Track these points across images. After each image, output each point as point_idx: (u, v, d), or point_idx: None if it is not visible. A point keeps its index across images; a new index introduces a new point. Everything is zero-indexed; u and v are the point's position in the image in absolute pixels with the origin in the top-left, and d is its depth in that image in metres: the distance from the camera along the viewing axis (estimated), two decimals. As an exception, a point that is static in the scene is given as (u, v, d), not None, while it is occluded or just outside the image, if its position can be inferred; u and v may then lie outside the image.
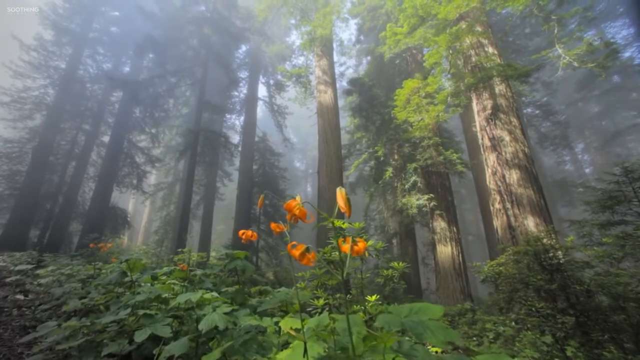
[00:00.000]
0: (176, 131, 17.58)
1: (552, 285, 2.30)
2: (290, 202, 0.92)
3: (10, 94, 13.34)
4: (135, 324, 1.41)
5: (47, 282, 2.79)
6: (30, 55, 13.53)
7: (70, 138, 13.78)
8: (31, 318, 2.46)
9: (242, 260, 1.41)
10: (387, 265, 3.12)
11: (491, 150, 6.59)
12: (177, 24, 13.68)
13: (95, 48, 14.86)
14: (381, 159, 10.27)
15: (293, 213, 0.91)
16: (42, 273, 3.09)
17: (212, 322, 1.20)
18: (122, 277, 1.78)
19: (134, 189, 14.03)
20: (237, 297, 1.38)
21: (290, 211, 0.90)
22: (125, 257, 1.74)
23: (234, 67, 15.66)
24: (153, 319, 1.40)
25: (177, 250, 7.79)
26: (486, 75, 6.45)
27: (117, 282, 1.74)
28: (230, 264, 1.36)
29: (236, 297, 1.38)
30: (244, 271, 1.35)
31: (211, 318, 1.22)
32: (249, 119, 15.63)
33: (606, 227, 3.11)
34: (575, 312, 2.14)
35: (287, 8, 12.00)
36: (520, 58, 13.92)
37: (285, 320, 1.08)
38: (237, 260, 1.37)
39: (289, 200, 0.95)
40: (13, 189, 12.37)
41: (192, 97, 16.32)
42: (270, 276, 7.22)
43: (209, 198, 15.08)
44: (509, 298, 2.59)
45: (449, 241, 8.02)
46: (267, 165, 14.60)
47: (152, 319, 1.40)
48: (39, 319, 2.34)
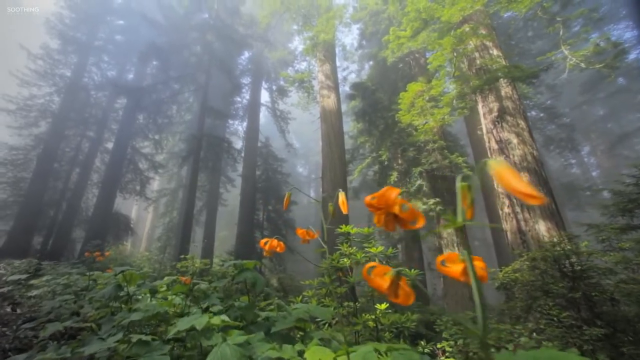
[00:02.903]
0: (179, 137, 17.63)
1: (576, 293, 2.17)
2: (301, 230, 0.79)
3: (16, 101, 13.48)
4: (127, 351, 1.19)
5: (40, 293, 2.65)
6: (37, 64, 13.73)
7: (74, 145, 13.85)
8: (13, 338, 2.17)
9: (252, 271, 1.26)
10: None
11: (498, 153, 6.47)
12: (181, 31, 13.82)
13: (100, 56, 15.05)
14: (385, 163, 10.16)
15: (306, 237, 0.78)
16: (36, 283, 2.95)
17: (223, 358, 1.01)
18: (118, 291, 1.61)
19: (137, 195, 14.02)
20: (248, 314, 1.23)
21: (303, 236, 0.78)
22: (120, 268, 1.60)
23: (236, 73, 15.75)
24: (149, 347, 1.20)
25: (180, 257, 7.69)
26: (492, 77, 6.37)
27: (112, 297, 1.59)
28: (239, 275, 1.23)
29: (246, 315, 1.24)
30: (254, 284, 1.21)
31: (221, 352, 1.03)
32: (251, 125, 15.64)
33: (625, 232, 2.97)
34: (602, 322, 2.00)
35: (290, 14, 12.08)
36: (523, 61, 13.83)
37: (312, 351, 0.92)
38: (246, 272, 1.24)
39: (292, 205, 0.84)
40: (17, 195, 12.40)
41: (195, 103, 16.41)
42: (274, 283, 7.08)
43: (212, 204, 15.02)
44: (527, 306, 2.45)
45: (457, 246, 7.84)
46: (270, 170, 14.54)
47: (148, 347, 1.20)
48: (21, 340, 2.13)
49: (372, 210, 0.61)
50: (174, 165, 17.01)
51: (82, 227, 12.84)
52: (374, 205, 0.59)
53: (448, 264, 0.58)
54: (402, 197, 0.58)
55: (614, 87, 17.98)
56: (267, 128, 20.32)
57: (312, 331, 1.17)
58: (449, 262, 0.58)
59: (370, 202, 0.59)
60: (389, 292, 0.57)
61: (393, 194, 0.57)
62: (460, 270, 0.55)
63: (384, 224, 0.61)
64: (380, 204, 0.58)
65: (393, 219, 0.60)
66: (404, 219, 0.57)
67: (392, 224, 0.60)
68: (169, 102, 14.61)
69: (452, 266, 0.57)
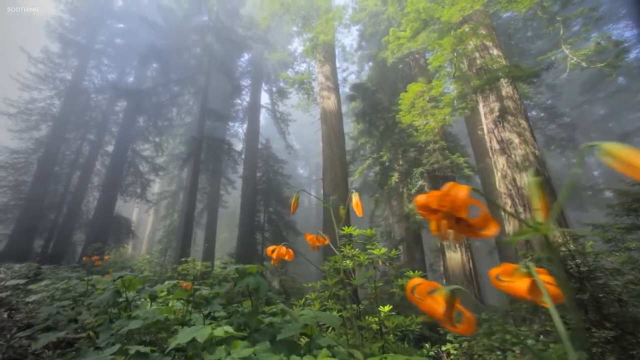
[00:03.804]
0: (180, 139, 17.64)
1: (584, 294, 2.13)
2: (310, 235, 0.75)
3: (17, 105, 13.51)
4: (124, 365, 1.16)
5: (39, 298, 2.60)
6: (38, 68, 13.77)
7: (75, 148, 13.86)
8: (7, 347, 2.07)
9: (255, 276, 1.23)
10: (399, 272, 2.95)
11: (500, 154, 6.44)
12: (181, 34, 13.86)
13: (101, 59, 15.09)
14: (386, 164, 10.14)
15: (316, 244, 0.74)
16: (34, 288, 2.90)
17: (228, 376, 0.93)
18: (116, 297, 1.57)
19: (137, 198, 14.01)
20: (251, 321, 1.19)
21: (313, 242, 0.74)
22: (119, 274, 1.55)
23: (236, 75, 15.77)
24: (148, 359, 1.14)
25: (181, 259, 7.66)
26: (493, 77, 6.36)
27: (110, 303, 1.54)
28: (241, 281, 1.19)
29: (250, 321, 1.20)
30: (258, 290, 1.18)
31: (226, 368, 0.96)
32: (252, 127, 15.64)
33: (631, 231, 2.94)
34: (610, 324, 1.97)
35: (289, 15, 12.10)
36: (523, 61, 13.82)
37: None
38: (249, 277, 1.20)
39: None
40: (18, 199, 12.40)
41: (195, 106, 16.42)
42: (276, 285, 7.04)
43: (213, 206, 14.99)
44: (533, 308, 2.42)
45: (459, 247, 7.80)
46: (271, 172, 14.52)
47: (147, 359, 1.14)
48: (16, 349, 2.07)
49: (425, 214, 0.47)
50: (175, 168, 17.01)
51: (82, 230, 12.82)
52: (431, 207, 0.45)
53: (505, 278, 0.47)
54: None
55: (614, 87, 17.96)
56: (267, 130, 20.32)
57: (317, 336, 1.14)
58: (505, 276, 0.47)
59: (426, 204, 0.46)
60: (444, 319, 0.45)
61: (462, 193, 0.43)
62: (527, 288, 0.44)
63: (444, 232, 0.47)
64: (442, 206, 0.44)
65: (458, 224, 0.46)
66: (474, 225, 0.44)
67: (458, 231, 0.46)
68: (169, 104, 14.63)
69: (514, 282, 0.46)
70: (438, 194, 0.45)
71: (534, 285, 0.44)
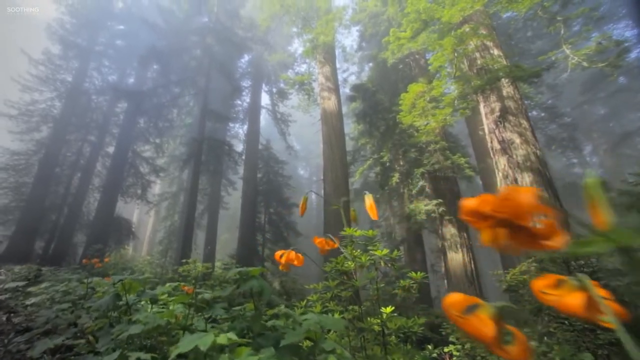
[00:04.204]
0: (180, 141, 17.66)
1: (588, 296, 2.11)
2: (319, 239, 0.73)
3: (18, 107, 13.53)
4: (124, 373, 1.10)
5: (38, 301, 2.58)
6: (38, 69, 13.79)
7: (75, 149, 13.87)
8: (5, 352, 2.05)
9: (258, 279, 1.21)
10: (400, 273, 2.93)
11: (501, 154, 6.42)
12: (181, 35, 13.87)
13: (101, 61, 15.11)
14: (387, 165, 10.12)
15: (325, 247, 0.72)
16: (34, 290, 2.88)
17: (235, 385, 0.89)
18: (116, 300, 1.55)
19: (138, 199, 14.00)
20: (255, 325, 1.17)
21: (322, 246, 0.72)
22: (119, 277, 1.54)
23: (236, 76, 15.78)
24: None
25: (182, 260, 7.64)
26: (494, 77, 6.34)
27: (110, 307, 1.51)
28: (244, 284, 1.17)
29: (253, 326, 1.18)
30: (261, 294, 1.16)
31: (232, 378, 0.91)
32: (252, 128, 15.64)
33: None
34: (615, 325, 1.94)
35: (289, 16, 12.11)
36: (523, 61, 13.81)
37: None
38: (252, 280, 1.18)
39: (293, 208, 0.80)
40: (19, 200, 12.41)
41: (195, 107, 16.43)
42: (277, 286, 7.02)
43: (214, 207, 14.99)
44: (537, 309, 2.40)
45: (460, 247, 7.78)
46: (272, 173, 14.51)
47: None
48: (13, 354, 1.97)
49: (472, 221, 0.39)
50: (175, 169, 17.01)
51: (83, 232, 12.82)
52: (484, 213, 0.37)
53: (552, 292, 0.39)
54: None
55: (614, 87, 17.93)
56: (267, 131, 20.32)
57: (321, 340, 1.12)
58: (550, 289, 0.39)
59: (477, 209, 0.37)
60: (493, 344, 0.37)
61: (527, 197, 0.35)
62: (581, 304, 0.37)
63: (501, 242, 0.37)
64: (500, 212, 0.36)
65: (518, 234, 0.37)
66: (538, 234, 0.36)
67: (518, 242, 0.37)
68: (170, 105, 14.64)
69: (563, 296, 0.38)
70: (494, 199, 0.38)
71: (590, 300, 0.37)
